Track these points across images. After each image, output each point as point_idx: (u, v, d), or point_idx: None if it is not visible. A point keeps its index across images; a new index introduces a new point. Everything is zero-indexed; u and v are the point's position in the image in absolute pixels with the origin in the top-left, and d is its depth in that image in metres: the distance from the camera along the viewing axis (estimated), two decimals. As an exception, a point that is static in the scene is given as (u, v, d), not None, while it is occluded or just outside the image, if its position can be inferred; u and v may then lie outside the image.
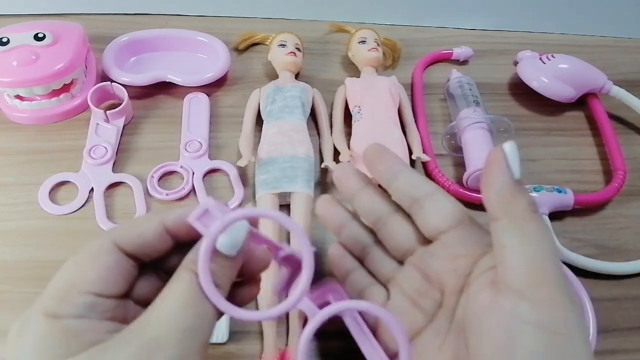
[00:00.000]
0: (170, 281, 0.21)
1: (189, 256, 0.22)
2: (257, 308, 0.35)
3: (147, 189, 0.41)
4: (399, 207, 0.28)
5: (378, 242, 0.30)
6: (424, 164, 0.44)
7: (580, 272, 0.37)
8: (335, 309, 0.24)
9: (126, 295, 0.22)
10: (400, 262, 0.29)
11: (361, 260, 0.31)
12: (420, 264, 0.27)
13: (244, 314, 0.22)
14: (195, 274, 0.21)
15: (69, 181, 0.41)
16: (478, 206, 0.41)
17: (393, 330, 0.24)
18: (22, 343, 0.19)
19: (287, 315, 0.35)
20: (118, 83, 0.45)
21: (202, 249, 0.21)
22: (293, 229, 0.22)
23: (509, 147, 0.23)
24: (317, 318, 0.24)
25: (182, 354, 0.19)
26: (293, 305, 0.22)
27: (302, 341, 0.24)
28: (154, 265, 0.24)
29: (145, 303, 0.22)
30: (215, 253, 0.21)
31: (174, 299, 0.20)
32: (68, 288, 0.21)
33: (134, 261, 0.22)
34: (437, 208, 0.26)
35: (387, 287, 0.29)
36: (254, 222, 0.24)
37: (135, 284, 0.23)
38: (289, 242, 0.38)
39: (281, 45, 0.47)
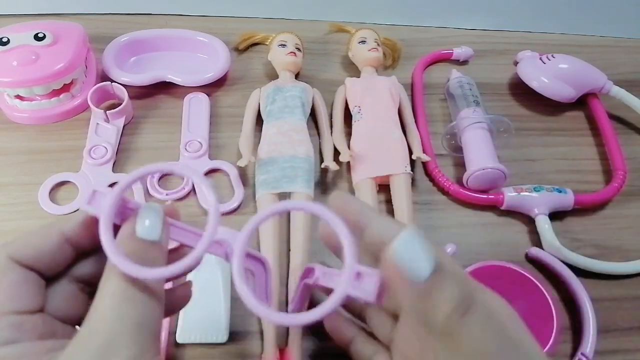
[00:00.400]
0: (101, 285, 0.20)
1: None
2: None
3: (147, 189, 0.41)
4: None
5: None
6: (424, 164, 0.44)
7: (580, 272, 0.37)
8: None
9: (42, 309, 0.21)
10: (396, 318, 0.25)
11: (361, 318, 0.28)
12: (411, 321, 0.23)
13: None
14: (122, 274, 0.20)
15: (69, 181, 0.41)
16: (478, 206, 0.41)
17: (333, 227, 0.20)
18: None
19: (287, 315, 0.35)
20: (118, 83, 0.45)
21: (101, 229, 0.20)
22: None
23: (395, 249, 0.18)
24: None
25: (138, 352, 0.18)
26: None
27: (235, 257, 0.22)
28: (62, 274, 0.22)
29: (63, 316, 0.21)
30: (133, 238, 0.20)
31: (114, 298, 0.19)
32: None
33: (37, 274, 0.21)
34: None
35: (390, 349, 0.25)
36: (172, 214, 0.24)
37: (47, 298, 0.21)
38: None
39: (281, 45, 0.47)
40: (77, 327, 0.22)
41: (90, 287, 0.23)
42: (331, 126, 0.45)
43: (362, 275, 0.20)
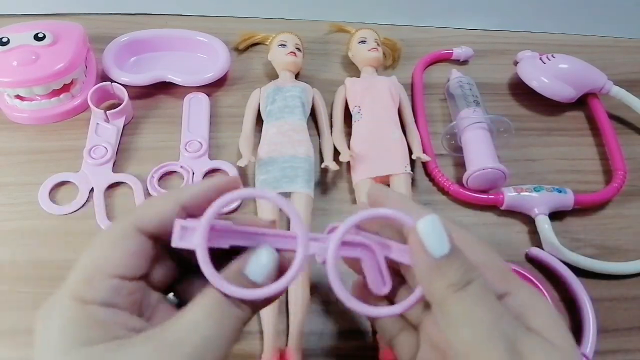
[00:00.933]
0: (197, 295, 0.21)
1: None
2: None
3: (147, 189, 0.41)
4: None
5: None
6: (424, 164, 0.44)
7: (580, 272, 0.37)
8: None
9: (146, 276, 0.22)
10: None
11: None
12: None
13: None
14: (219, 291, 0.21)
15: (69, 181, 0.41)
16: (478, 206, 0.41)
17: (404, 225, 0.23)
18: (49, 326, 0.19)
19: (287, 315, 0.35)
20: (118, 83, 0.45)
21: (201, 262, 0.21)
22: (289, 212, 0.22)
23: (422, 225, 0.21)
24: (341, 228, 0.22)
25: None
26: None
27: (331, 249, 0.22)
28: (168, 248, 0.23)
29: (159, 286, 0.23)
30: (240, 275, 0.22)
31: (197, 309, 0.20)
32: (94, 271, 0.21)
33: (153, 242, 0.22)
34: None
35: (418, 329, 0.26)
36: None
37: (153, 266, 0.23)
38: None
39: (281, 45, 0.47)
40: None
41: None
42: (331, 126, 0.45)
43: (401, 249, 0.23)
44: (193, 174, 0.42)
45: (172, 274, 0.24)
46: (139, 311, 0.22)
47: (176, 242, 0.21)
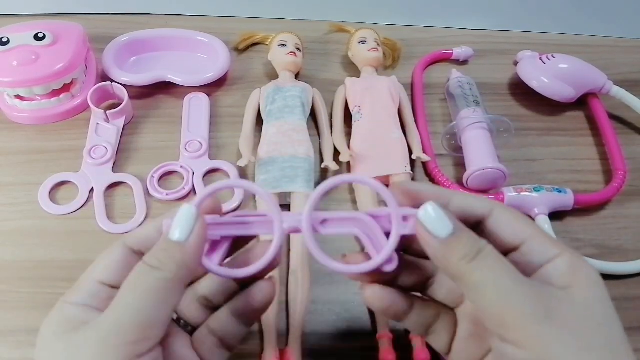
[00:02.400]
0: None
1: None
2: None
3: (147, 189, 0.41)
4: None
5: None
6: (424, 164, 0.44)
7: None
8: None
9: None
10: None
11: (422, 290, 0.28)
12: None
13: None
14: (141, 262, 0.23)
15: (69, 181, 0.41)
16: (478, 206, 0.41)
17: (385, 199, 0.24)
18: (46, 320, 0.23)
19: (287, 315, 0.35)
20: (118, 83, 0.45)
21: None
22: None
23: (423, 212, 0.23)
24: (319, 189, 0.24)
25: (140, 336, 0.21)
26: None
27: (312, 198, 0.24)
28: None
29: None
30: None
31: (128, 288, 0.22)
32: (84, 278, 0.24)
33: (140, 257, 0.24)
34: (504, 223, 0.24)
35: (455, 308, 0.27)
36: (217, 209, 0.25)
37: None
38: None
39: (281, 45, 0.47)
40: None
41: None
42: (331, 126, 0.45)
43: (408, 217, 0.24)
44: (193, 174, 0.42)
45: None
46: None
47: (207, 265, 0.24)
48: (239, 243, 0.26)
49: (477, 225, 0.24)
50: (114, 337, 0.21)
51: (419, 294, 0.28)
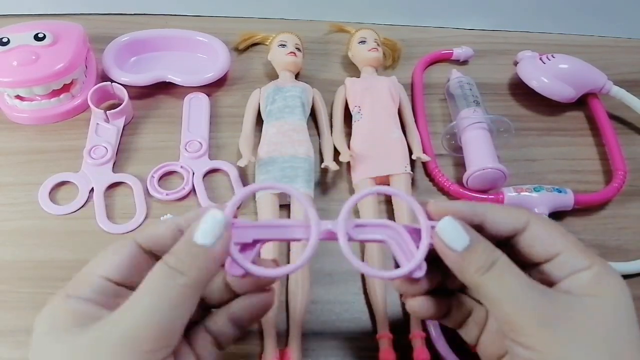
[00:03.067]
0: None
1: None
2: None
3: (147, 189, 0.41)
4: None
5: None
6: (424, 164, 0.44)
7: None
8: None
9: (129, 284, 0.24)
10: None
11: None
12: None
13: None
14: (161, 263, 0.22)
15: (69, 181, 0.41)
16: (478, 206, 0.41)
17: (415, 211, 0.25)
18: (41, 315, 0.22)
19: (287, 315, 0.35)
20: (118, 83, 0.45)
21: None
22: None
23: (441, 227, 0.24)
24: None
25: (156, 346, 0.21)
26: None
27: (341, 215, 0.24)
28: None
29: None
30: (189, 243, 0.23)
31: (141, 287, 0.22)
32: (86, 273, 0.23)
33: (149, 256, 0.24)
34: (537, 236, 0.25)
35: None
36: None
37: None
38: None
39: (281, 45, 0.47)
40: None
41: None
42: (331, 126, 0.45)
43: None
44: (193, 174, 0.42)
45: None
46: None
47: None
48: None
49: (512, 237, 0.25)
50: (131, 343, 0.20)
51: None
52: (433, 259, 0.25)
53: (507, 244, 0.25)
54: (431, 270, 0.26)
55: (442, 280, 0.27)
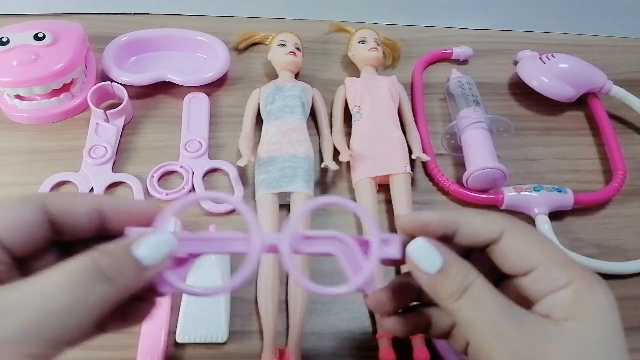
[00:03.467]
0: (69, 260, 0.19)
1: (104, 246, 0.20)
2: (256, 306, 0.35)
3: (147, 189, 0.41)
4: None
5: None
6: (424, 164, 0.44)
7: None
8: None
9: (28, 260, 0.21)
10: None
11: None
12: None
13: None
14: (92, 261, 0.19)
15: (69, 181, 0.41)
16: (479, 206, 0.41)
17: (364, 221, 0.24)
18: None
19: (287, 315, 0.35)
20: (118, 83, 0.45)
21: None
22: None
23: (412, 248, 0.23)
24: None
25: (42, 352, 0.17)
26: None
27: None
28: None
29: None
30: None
31: (56, 274, 0.18)
32: None
33: (48, 226, 0.21)
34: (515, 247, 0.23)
35: None
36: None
37: (42, 256, 0.22)
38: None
39: (281, 45, 0.47)
40: None
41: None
42: (331, 126, 0.45)
43: (390, 241, 0.24)
44: (193, 174, 0.42)
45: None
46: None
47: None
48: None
49: (487, 246, 0.24)
50: (17, 343, 0.17)
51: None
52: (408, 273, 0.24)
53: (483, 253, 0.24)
54: (406, 287, 0.25)
55: (418, 296, 0.26)
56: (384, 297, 0.26)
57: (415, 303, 0.28)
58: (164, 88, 0.47)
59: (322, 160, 0.42)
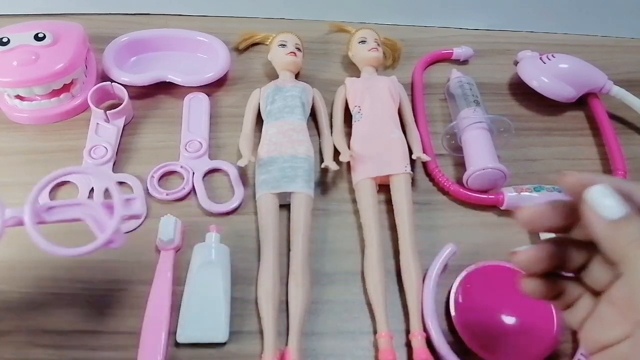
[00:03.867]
0: None
1: None
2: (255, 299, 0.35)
3: (147, 189, 0.41)
4: None
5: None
6: (424, 164, 0.44)
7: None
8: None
9: None
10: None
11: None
12: None
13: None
14: None
15: (69, 181, 0.41)
16: (479, 206, 0.41)
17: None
18: None
19: (287, 315, 0.35)
20: (118, 83, 0.45)
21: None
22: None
23: (592, 193, 0.23)
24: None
25: None
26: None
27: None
28: None
29: None
30: None
31: None
32: None
33: None
34: None
35: (599, 295, 0.27)
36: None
37: None
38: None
39: (281, 45, 0.47)
40: None
41: None
42: (331, 126, 0.45)
43: (131, 200, 0.28)
44: (193, 174, 0.42)
45: None
46: None
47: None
48: None
49: None
50: None
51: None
52: (558, 241, 0.25)
53: None
54: (554, 253, 0.26)
55: (560, 265, 0.27)
56: (535, 255, 0.26)
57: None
58: (164, 88, 0.47)
59: (322, 160, 0.42)
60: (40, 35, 0.43)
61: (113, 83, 0.45)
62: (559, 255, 0.26)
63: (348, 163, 0.42)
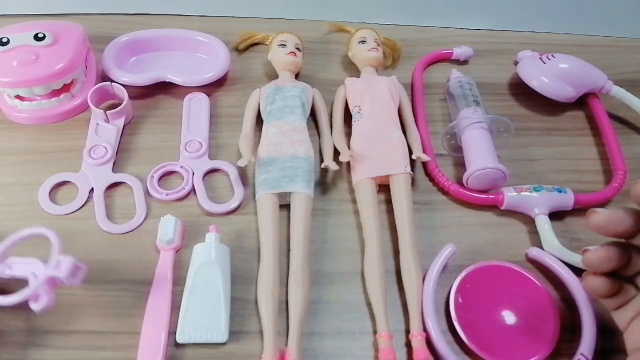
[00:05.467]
0: None
1: None
2: (256, 306, 0.35)
3: (147, 189, 0.41)
4: None
5: None
6: (424, 164, 0.44)
7: (580, 272, 0.37)
8: None
9: None
10: None
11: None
12: None
13: None
14: None
15: (69, 181, 0.41)
16: (478, 206, 0.41)
17: None
18: None
19: (287, 315, 0.35)
20: (118, 83, 0.45)
21: None
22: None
23: None
24: None
25: None
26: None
27: None
28: None
29: None
30: None
31: None
32: None
33: None
34: None
35: None
36: None
37: None
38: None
39: (281, 45, 0.47)
40: None
41: None
42: (331, 126, 0.45)
43: (60, 262, 0.31)
44: (193, 174, 0.42)
45: None
46: None
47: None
48: None
49: None
50: None
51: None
52: (624, 245, 0.26)
53: None
54: (621, 255, 0.27)
55: (621, 267, 0.28)
56: (607, 254, 0.28)
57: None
58: (164, 88, 0.47)
59: (322, 160, 0.42)
60: (40, 35, 0.43)
61: (113, 83, 0.45)
62: (623, 258, 0.28)
63: (348, 163, 0.42)
